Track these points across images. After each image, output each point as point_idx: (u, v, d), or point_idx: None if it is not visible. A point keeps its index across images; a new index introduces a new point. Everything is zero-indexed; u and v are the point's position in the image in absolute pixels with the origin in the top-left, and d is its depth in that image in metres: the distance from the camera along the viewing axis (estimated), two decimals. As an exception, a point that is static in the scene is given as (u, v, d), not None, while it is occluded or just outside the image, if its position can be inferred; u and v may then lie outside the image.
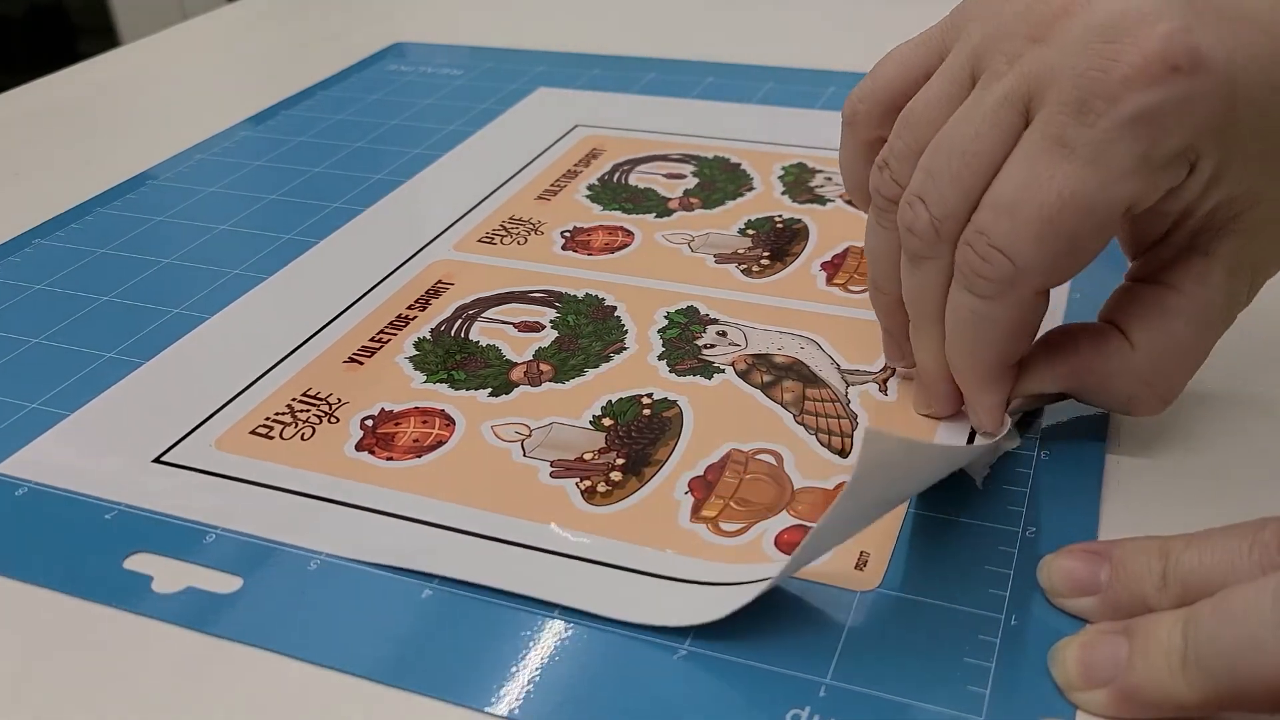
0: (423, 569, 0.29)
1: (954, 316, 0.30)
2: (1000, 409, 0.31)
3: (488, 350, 0.38)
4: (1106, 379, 0.30)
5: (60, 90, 0.65)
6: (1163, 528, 0.29)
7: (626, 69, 0.63)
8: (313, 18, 0.76)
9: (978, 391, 0.31)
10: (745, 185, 0.49)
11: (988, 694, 0.25)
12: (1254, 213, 0.28)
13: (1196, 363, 0.30)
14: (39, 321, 0.41)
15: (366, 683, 0.26)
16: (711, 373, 0.36)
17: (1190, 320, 0.29)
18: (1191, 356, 0.30)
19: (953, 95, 0.29)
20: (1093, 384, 0.31)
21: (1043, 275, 0.28)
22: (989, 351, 0.30)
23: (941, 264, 0.30)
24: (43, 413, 0.36)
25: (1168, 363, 0.30)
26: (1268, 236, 0.29)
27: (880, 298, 0.34)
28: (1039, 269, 0.28)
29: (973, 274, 0.28)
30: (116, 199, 0.50)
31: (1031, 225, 0.27)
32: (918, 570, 0.28)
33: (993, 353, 0.30)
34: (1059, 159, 0.26)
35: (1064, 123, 0.26)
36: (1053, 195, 0.27)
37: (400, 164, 0.52)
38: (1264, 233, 0.29)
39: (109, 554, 0.30)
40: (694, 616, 0.27)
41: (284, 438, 0.34)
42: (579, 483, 0.32)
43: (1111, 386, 0.31)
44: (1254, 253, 0.29)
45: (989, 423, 0.31)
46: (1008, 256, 0.27)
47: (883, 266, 0.33)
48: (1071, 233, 0.27)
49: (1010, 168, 0.27)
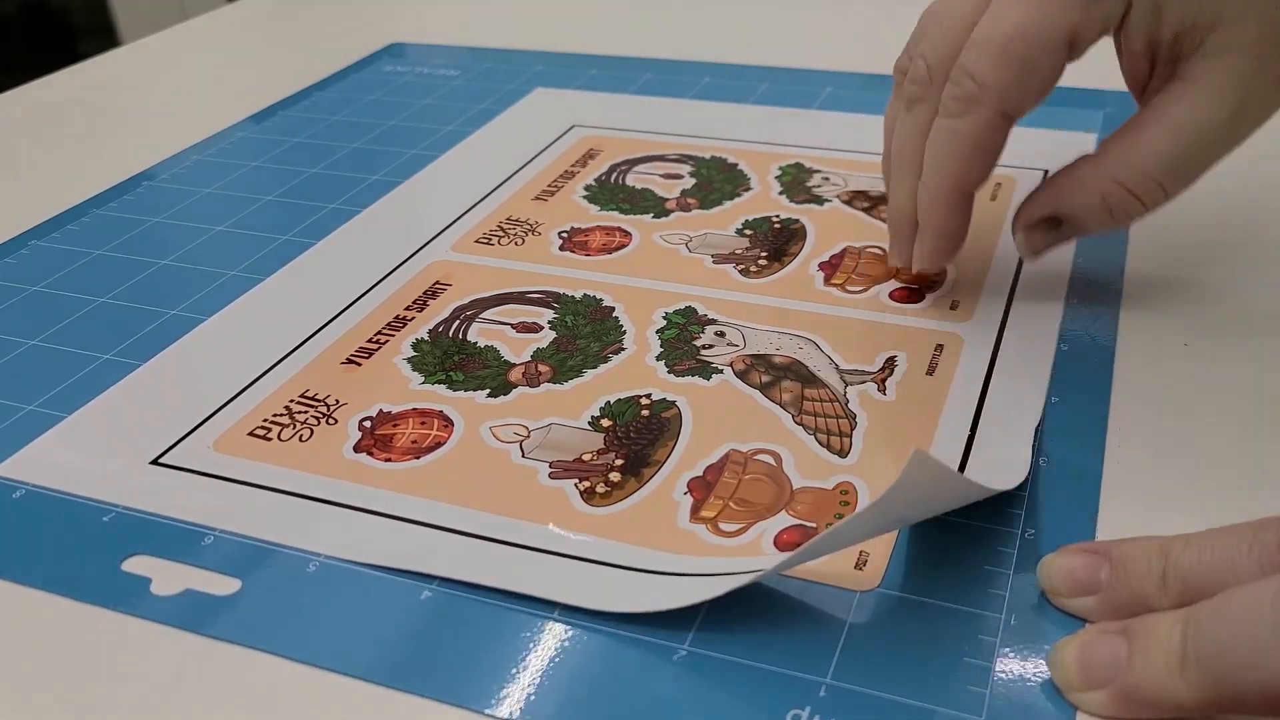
0: (422, 570, 0.29)
1: (930, 140, 0.36)
2: (947, 243, 0.37)
3: (486, 351, 0.38)
4: (1079, 184, 0.36)
5: (60, 90, 0.65)
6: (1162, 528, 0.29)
7: (624, 69, 0.63)
8: (310, 18, 0.76)
9: (932, 210, 0.36)
10: (743, 185, 0.49)
11: (988, 694, 0.25)
12: (1217, 35, 0.33)
13: (1168, 168, 0.34)
14: (36, 323, 0.41)
15: (366, 684, 0.26)
16: (710, 373, 0.36)
17: (1161, 129, 0.34)
18: (1160, 160, 0.34)
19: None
20: (1068, 193, 0.36)
21: (1001, 93, 0.34)
22: (952, 165, 0.35)
23: (930, 106, 0.36)
24: (40, 414, 0.36)
25: (1133, 158, 0.34)
26: (1243, 55, 0.33)
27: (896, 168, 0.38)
28: (998, 87, 0.34)
29: (949, 99, 0.35)
30: (114, 200, 0.50)
31: (992, 51, 0.33)
32: (918, 570, 0.28)
33: (956, 167, 0.35)
34: (1015, 2, 0.33)
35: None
36: (1009, 26, 0.33)
37: (398, 164, 0.52)
38: (1236, 53, 0.33)
39: (107, 556, 0.30)
40: (690, 598, 0.27)
41: (282, 439, 0.34)
42: (578, 483, 0.32)
43: (1086, 189, 0.36)
44: (1235, 73, 0.33)
45: (931, 255, 0.37)
46: (974, 78, 0.34)
47: (901, 141, 0.38)
48: (1023, 56, 0.33)
49: (983, 17, 0.34)
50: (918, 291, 0.40)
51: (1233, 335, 0.37)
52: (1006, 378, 0.35)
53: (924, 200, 0.36)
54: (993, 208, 0.46)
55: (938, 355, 0.36)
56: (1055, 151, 0.50)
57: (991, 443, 0.32)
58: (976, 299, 0.39)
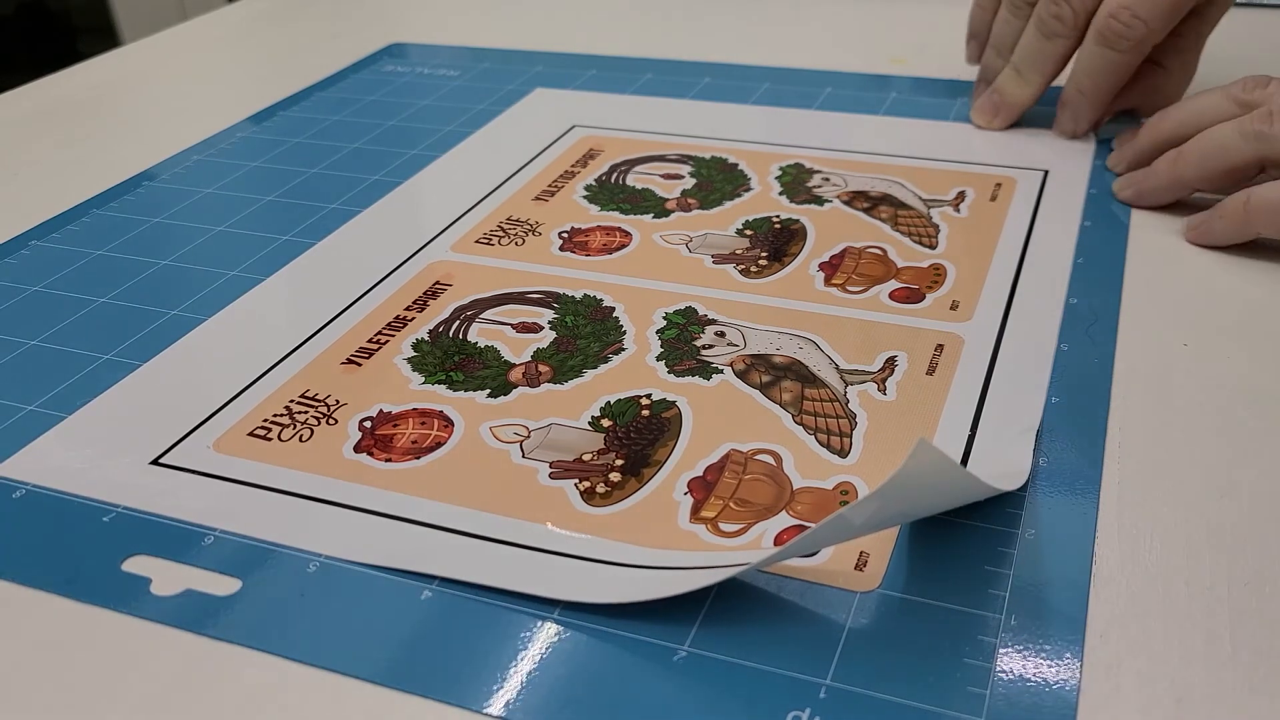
0: (422, 570, 0.29)
1: (1091, 67, 0.49)
2: (1097, 118, 0.51)
3: (486, 351, 0.38)
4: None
5: (60, 90, 0.65)
6: (1161, 529, 0.30)
7: (624, 69, 0.63)
8: (311, 18, 0.76)
9: (1096, 109, 0.50)
10: (743, 185, 0.49)
11: (988, 694, 0.25)
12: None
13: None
14: (36, 323, 0.41)
15: (366, 685, 0.26)
16: (710, 373, 0.36)
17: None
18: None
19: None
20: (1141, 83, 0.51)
21: (1160, 32, 0.47)
22: (1114, 83, 0.49)
23: (1070, 41, 0.49)
24: (40, 415, 0.36)
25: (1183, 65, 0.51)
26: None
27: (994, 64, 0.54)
28: (1162, 28, 0.47)
29: (1117, 37, 0.47)
30: (114, 200, 0.50)
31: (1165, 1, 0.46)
32: (918, 571, 0.28)
33: (1116, 82, 0.49)
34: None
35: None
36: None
37: (398, 165, 0.52)
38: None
39: (107, 556, 0.30)
40: (690, 584, 0.27)
41: (282, 439, 0.34)
42: (578, 484, 0.32)
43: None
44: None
45: (1083, 123, 0.51)
46: (1144, 21, 0.46)
47: (1007, 43, 0.52)
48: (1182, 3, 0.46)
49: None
50: (918, 291, 0.40)
51: (1233, 335, 0.37)
52: (1006, 378, 0.35)
53: (1093, 105, 0.50)
54: (993, 208, 0.46)
55: (938, 355, 0.36)
56: (1055, 151, 0.50)
57: (991, 443, 0.32)
58: (977, 299, 0.39)
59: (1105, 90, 0.49)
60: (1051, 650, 0.26)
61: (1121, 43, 0.47)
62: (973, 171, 0.49)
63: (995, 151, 0.51)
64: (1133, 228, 0.44)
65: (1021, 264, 0.42)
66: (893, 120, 0.55)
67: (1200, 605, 0.27)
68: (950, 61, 0.60)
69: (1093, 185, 0.47)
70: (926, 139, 0.52)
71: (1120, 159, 0.48)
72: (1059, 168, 0.49)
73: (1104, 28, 0.47)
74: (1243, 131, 0.41)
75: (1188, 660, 0.26)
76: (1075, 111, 0.50)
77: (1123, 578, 0.28)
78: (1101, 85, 0.49)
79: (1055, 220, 0.45)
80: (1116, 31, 0.46)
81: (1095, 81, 0.49)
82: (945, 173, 0.49)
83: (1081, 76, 0.49)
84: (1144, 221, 0.44)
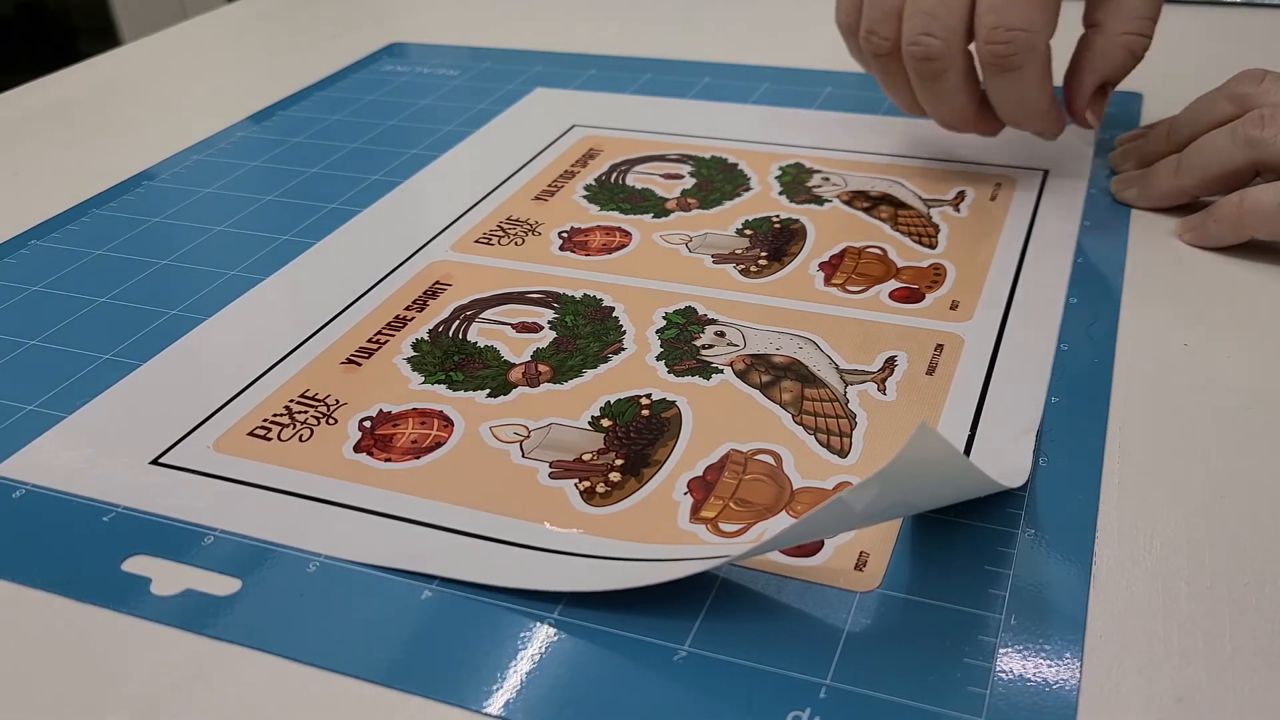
0: (422, 570, 0.29)
1: (1006, 97, 0.43)
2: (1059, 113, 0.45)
3: (486, 351, 0.38)
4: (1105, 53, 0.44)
5: (60, 90, 0.65)
6: (1162, 528, 0.30)
7: (624, 69, 0.63)
8: (310, 18, 0.76)
9: (1050, 119, 0.45)
10: (742, 185, 0.49)
11: (988, 694, 0.25)
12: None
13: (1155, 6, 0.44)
14: (36, 323, 0.41)
15: (366, 685, 0.26)
16: (710, 373, 0.36)
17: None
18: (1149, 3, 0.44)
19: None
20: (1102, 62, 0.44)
21: (1048, 28, 0.41)
22: (1038, 95, 0.43)
23: (957, 70, 0.42)
24: (40, 414, 0.36)
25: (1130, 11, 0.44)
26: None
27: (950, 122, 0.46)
28: (1047, 25, 0.41)
29: (1004, 58, 0.41)
30: (114, 199, 0.50)
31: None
32: (918, 570, 0.28)
33: (1040, 95, 0.43)
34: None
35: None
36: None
37: (397, 164, 0.52)
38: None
39: (107, 556, 0.30)
40: (686, 570, 0.27)
41: (282, 439, 0.34)
42: (578, 484, 0.32)
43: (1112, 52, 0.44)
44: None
45: (1054, 129, 0.45)
46: (1025, 29, 0.40)
47: (904, 100, 0.46)
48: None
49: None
50: (917, 291, 0.40)
51: (1233, 335, 0.37)
52: (1006, 378, 0.35)
53: (1037, 128, 0.45)
54: (993, 208, 0.46)
55: (938, 355, 0.36)
56: (1055, 151, 0.50)
57: (991, 443, 0.32)
58: (976, 299, 0.39)
59: (1037, 104, 0.43)
60: (1051, 650, 0.26)
61: (1014, 60, 0.41)
62: (972, 171, 0.49)
63: (995, 151, 0.51)
64: (1133, 228, 0.44)
65: (1021, 264, 0.42)
66: (893, 120, 0.55)
67: (1200, 605, 0.27)
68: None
69: (1093, 185, 0.47)
70: (926, 139, 0.52)
71: (1123, 158, 0.48)
72: (1059, 168, 0.49)
73: (988, 57, 0.41)
74: (1236, 138, 0.41)
75: (1188, 660, 0.26)
76: (1040, 128, 0.45)
77: (1123, 578, 0.28)
78: (1028, 103, 0.43)
79: (1055, 220, 0.45)
80: (999, 53, 0.41)
81: (1019, 106, 0.43)
82: (945, 173, 0.49)
83: (1008, 109, 0.44)
84: (1144, 221, 0.44)
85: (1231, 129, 0.41)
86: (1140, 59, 0.44)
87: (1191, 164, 0.43)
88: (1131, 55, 0.44)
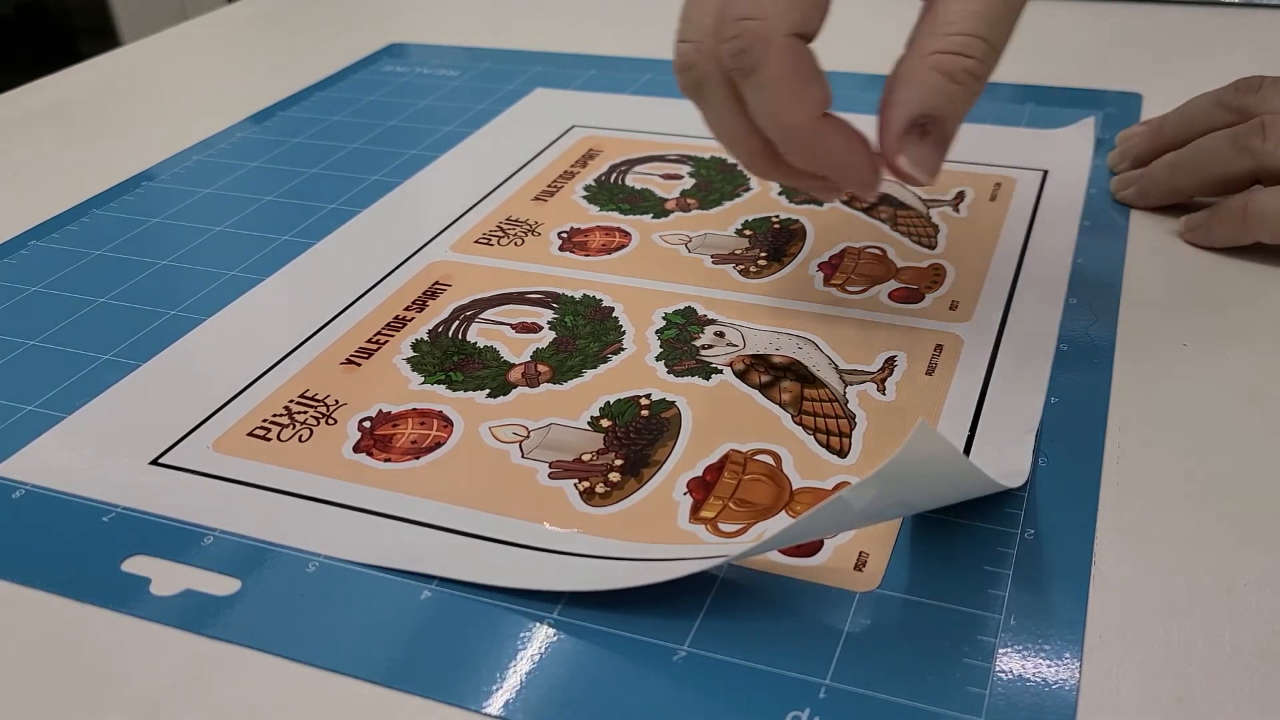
0: (422, 570, 0.29)
1: (759, 120, 0.32)
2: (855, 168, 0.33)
3: (485, 351, 0.38)
4: (910, 75, 0.32)
5: (60, 90, 0.65)
6: (1162, 528, 0.30)
7: (623, 69, 0.63)
8: (310, 18, 0.76)
9: (815, 159, 0.33)
10: (742, 185, 0.49)
11: (988, 694, 0.25)
12: None
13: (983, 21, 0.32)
14: (36, 323, 0.41)
15: (366, 685, 0.26)
16: (709, 373, 0.36)
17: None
18: (973, 18, 0.32)
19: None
20: (907, 90, 0.32)
21: (786, 15, 0.31)
22: (790, 109, 0.32)
23: (715, 80, 0.32)
24: (40, 415, 0.36)
25: (945, 28, 0.32)
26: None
27: (743, 160, 0.35)
28: (781, 11, 0.31)
29: (732, 59, 0.31)
30: (113, 200, 0.50)
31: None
32: (918, 570, 0.28)
33: (795, 109, 0.32)
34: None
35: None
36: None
37: (397, 165, 0.52)
38: None
39: (107, 556, 0.30)
40: (685, 570, 0.27)
41: (282, 439, 0.34)
42: (577, 484, 0.32)
43: (917, 75, 0.32)
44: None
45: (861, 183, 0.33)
46: (752, 17, 0.30)
47: (722, 131, 0.35)
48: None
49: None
50: (917, 291, 0.40)
51: (1233, 335, 0.37)
52: (1006, 378, 0.35)
53: (801, 162, 0.33)
54: (992, 208, 0.46)
55: (938, 355, 0.36)
56: (1055, 151, 0.50)
57: (991, 443, 0.32)
58: (976, 299, 0.39)
59: (789, 119, 0.32)
60: (1051, 650, 0.26)
61: (745, 59, 0.31)
62: (973, 171, 0.49)
63: (995, 151, 0.51)
64: (1133, 228, 0.44)
65: (1021, 264, 0.42)
66: (892, 120, 0.55)
67: (1200, 605, 0.27)
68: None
69: (1093, 185, 0.47)
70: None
71: (1120, 158, 0.48)
72: (1059, 168, 0.49)
73: (725, 61, 0.32)
74: (1237, 145, 0.41)
75: (1188, 660, 0.26)
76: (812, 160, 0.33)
77: (1123, 578, 0.28)
78: (781, 120, 0.32)
79: (1055, 220, 0.45)
80: (731, 52, 0.31)
81: (775, 129, 0.32)
82: (945, 173, 0.49)
83: (773, 136, 0.33)
84: (1144, 221, 0.44)
85: (1233, 135, 0.41)
86: (965, 84, 0.32)
87: (1190, 165, 0.43)
88: (947, 78, 0.32)
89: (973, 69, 0.32)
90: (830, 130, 0.32)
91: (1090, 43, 0.64)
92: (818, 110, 0.32)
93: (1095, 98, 0.56)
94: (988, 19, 0.32)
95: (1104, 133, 0.52)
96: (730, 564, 0.28)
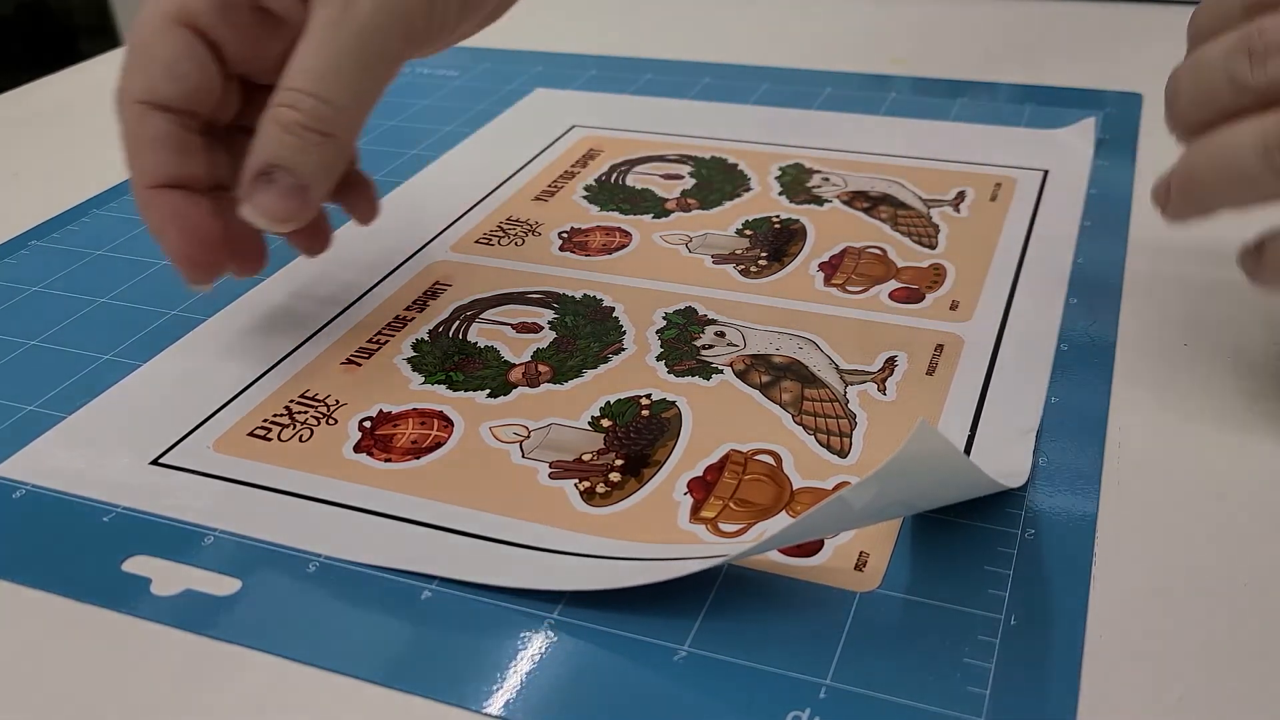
0: (422, 570, 0.29)
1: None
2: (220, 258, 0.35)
3: (486, 351, 0.38)
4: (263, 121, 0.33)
5: (60, 90, 0.65)
6: (1161, 528, 0.30)
7: (624, 69, 0.63)
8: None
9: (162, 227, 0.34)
10: (742, 185, 0.49)
11: (988, 694, 0.25)
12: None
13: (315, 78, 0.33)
14: (36, 323, 0.41)
15: (366, 685, 0.26)
16: (710, 373, 0.36)
17: (303, 42, 0.33)
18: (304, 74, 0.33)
19: None
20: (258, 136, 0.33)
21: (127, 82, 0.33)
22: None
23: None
24: (40, 415, 0.36)
25: (286, 80, 0.33)
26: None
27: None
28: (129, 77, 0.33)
29: (300, 128, 0.32)
30: (113, 200, 0.50)
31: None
32: (918, 571, 0.28)
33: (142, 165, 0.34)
34: None
35: None
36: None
37: (397, 165, 0.52)
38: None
39: (107, 556, 0.30)
40: (685, 569, 0.27)
41: (282, 439, 0.34)
42: (578, 484, 0.32)
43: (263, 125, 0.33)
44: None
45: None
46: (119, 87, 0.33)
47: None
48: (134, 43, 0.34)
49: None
50: (917, 291, 0.40)
51: (1233, 335, 0.37)
52: (1006, 378, 0.35)
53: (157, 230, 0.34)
54: (993, 208, 0.46)
55: (938, 355, 0.36)
56: (1055, 152, 0.50)
57: (991, 443, 0.32)
58: (976, 299, 0.39)
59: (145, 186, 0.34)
60: (1051, 650, 0.26)
61: (309, 133, 0.33)
62: (973, 171, 0.49)
63: (995, 151, 0.51)
64: (1133, 228, 0.44)
65: (1021, 264, 0.42)
66: (893, 120, 0.55)
67: (1200, 605, 0.27)
68: (950, 61, 0.61)
69: (1093, 185, 0.47)
70: (926, 139, 0.52)
71: None
72: (1059, 168, 0.49)
73: (285, 120, 0.32)
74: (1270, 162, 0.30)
75: (1188, 660, 0.26)
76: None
77: (1123, 577, 0.28)
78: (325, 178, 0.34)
79: (1055, 220, 0.45)
80: (300, 121, 0.32)
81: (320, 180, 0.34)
82: (945, 173, 0.49)
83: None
84: (1144, 221, 0.44)
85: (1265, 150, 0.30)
86: (300, 136, 0.32)
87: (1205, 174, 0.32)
88: (282, 129, 0.32)
89: (304, 122, 0.33)
90: (163, 201, 0.34)
91: (1090, 43, 0.64)
92: (158, 180, 0.34)
93: (1095, 98, 0.56)
94: (320, 75, 0.32)
95: (1104, 133, 0.52)
96: (730, 564, 0.28)
